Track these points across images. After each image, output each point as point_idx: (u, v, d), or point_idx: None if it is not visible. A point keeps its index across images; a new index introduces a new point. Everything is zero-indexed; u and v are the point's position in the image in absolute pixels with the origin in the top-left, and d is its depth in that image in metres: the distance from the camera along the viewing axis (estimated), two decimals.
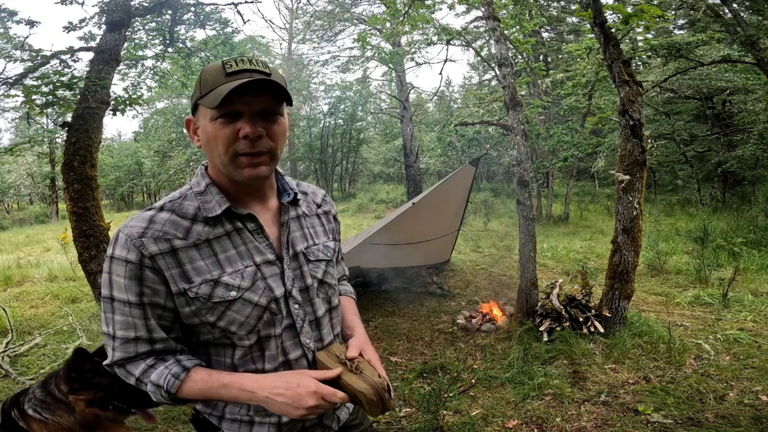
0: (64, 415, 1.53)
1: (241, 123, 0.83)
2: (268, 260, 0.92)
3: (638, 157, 3.56)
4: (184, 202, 0.90)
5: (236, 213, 0.90)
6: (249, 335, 0.90)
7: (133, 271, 0.83)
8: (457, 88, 32.17)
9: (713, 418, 2.45)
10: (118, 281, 0.84)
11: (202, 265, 0.86)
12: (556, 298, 3.92)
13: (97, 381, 1.58)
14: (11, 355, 3.62)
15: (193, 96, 0.90)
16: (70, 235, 3.16)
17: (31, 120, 3.80)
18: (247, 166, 0.86)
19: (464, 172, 5.16)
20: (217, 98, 0.80)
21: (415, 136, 16.71)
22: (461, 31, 7.25)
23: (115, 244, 0.84)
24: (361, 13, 16.99)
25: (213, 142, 0.85)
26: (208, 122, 0.85)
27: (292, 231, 0.98)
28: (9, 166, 21.99)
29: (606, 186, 17.58)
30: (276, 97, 0.86)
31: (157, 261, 0.83)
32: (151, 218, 0.86)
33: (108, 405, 1.59)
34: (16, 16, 3.86)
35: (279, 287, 0.92)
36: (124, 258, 0.83)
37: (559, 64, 14.98)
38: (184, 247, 0.85)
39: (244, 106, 0.83)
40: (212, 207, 0.89)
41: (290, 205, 0.99)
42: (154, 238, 0.84)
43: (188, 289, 0.85)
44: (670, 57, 8.19)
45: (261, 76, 0.83)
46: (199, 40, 5.17)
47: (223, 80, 0.82)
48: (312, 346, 0.97)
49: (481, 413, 2.71)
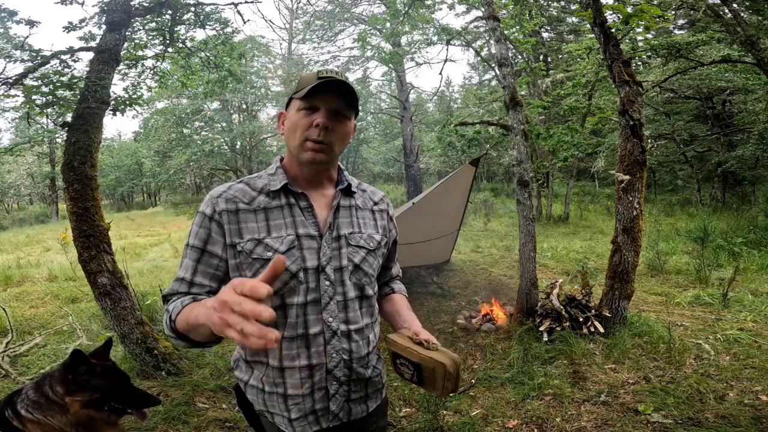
0: (56, 416, 1.54)
1: (317, 115, 1.02)
2: (309, 234, 1.04)
3: (638, 157, 3.56)
4: (257, 179, 1.10)
5: (292, 190, 1.06)
6: (273, 298, 0.98)
7: (205, 221, 1.03)
8: (457, 88, 32.20)
9: (713, 418, 2.45)
10: (194, 229, 1.04)
11: (253, 226, 1.02)
12: (556, 298, 3.92)
13: (93, 383, 1.60)
14: (11, 355, 3.62)
15: (290, 95, 1.11)
16: (70, 235, 3.15)
17: (31, 120, 3.79)
18: (310, 150, 1.03)
19: (464, 172, 5.16)
20: (305, 91, 1.01)
21: (415, 136, 16.71)
22: (461, 31, 7.25)
23: (203, 202, 1.06)
24: (361, 13, 17.00)
25: (293, 127, 1.05)
26: (295, 112, 1.05)
27: (340, 216, 1.09)
28: (9, 166, 22.02)
29: (606, 186, 17.58)
30: (347, 103, 1.05)
31: (222, 216, 1.02)
32: (230, 186, 1.07)
33: (103, 406, 1.61)
34: (16, 16, 3.86)
35: (312, 260, 1.02)
36: (203, 211, 1.04)
37: (559, 64, 14.96)
38: (245, 210, 1.03)
39: (322, 103, 1.02)
40: (275, 183, 1.07)
41: (344, 195, 1.13)
42: (226, 198, 1.03)
43: (238, 243, 1.01)
44: (670, 57, 8.20)
45: (340, 80, 1.02)
46: (199, 40, 5.16)
47: (314, 81, 1.01)
48: (335, 325, 1.03)
49: (481, 413, 2.71)
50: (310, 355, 1.00)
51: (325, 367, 1.01)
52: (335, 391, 1.03)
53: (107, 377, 1.65)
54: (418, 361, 0.96)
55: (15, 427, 1.53)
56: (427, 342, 1.00)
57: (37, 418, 1.52)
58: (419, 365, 0.96)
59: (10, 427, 1.53)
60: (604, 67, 7.77)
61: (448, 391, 0.94)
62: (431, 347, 0.98)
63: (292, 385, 1.00)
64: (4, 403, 1.60)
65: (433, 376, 0.94)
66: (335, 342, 1.02)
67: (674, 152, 13.94)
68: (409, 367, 0.99)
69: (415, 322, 1.17)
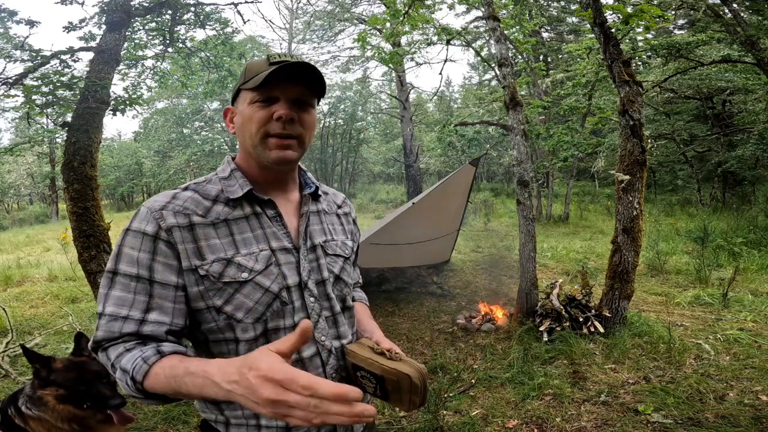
0: (45, 411, 1.54)
1: (276, 106, 0.87)
2: (284, 248, 0.90)
3: (638, 157, 3.56)
4: (207, 185, 0.92)
5: (257, 197, 0.91)
6: (255, 324, 0.86)
7: (146, 243, 0.82)
8: (457, 88, 32.23)
9: (713, 418, 2.45)
10: (129, 254, 0.82)
11: (217, 244, 0.85)
12: (556, 298, 3.92)
13: (53, 378, 1.58)
14: (11, 355, 3.62)
15: (236, 85, 0.95)
16: (70, 235, 3.16)
17: (31, 120, 3.79)
18: (276, 148, 0.88)
19: (464, 172, 5.16)
20: (257, 80, 0.85)
21: (415, 136, 16.71)
22: (461, 31, 7.24)
23: (134, 217, 0.85)
24: (361, 13, 17.00)
25: (247, 123, 0.89)
26: (246, 106, 0.89)
27: (311, 223, 0.98)
28: (9, 166, 22.02)
29: (606, 186, 17.59)
30: (310, 89, 0.91)
31: (172, 234, 0.82)
32: (175, 195, 0.88)
33: (81, 403, 1.57)
34: (16, 16, 3.87)
35: (293, 276, 0.90)
36: (141, 230, 0.82)
37: (559, 64, 14.97)
38: (202, 224, 0.85)
39: (281, 92, 0.87)
40: (234, 189, 0.90)
41: (311, 199, 1.01)
42: (174, 211, 0.84)
43: (200, 266, 0.83)
44: (670, 57, 8.20)
45: (300, 63, 0.88)
46: (199, 40, 5.18)
47: (266, 68, 0.87)
48: (328, 344, 0.93)
49: (481, 413, 2.71)
50: None
51: None
52: None
53: (69, 372, 1.59)
54: (381, 373, 0.86)
55: (17, 425, 1.54)
56: (390, 351, 0.90)
57: (36, 414, 1.53)
58: (382, 378, 0.86)
59: (13, 425, 1.54)
60: (604, 67, 7.77)
61: (415, 406, 0.84)
62: (394, 357, 0.88)
63: None
64: (7, 401, 1.61)
65: (398, 388, 0.84)
66: (333, 361, 0.94)
67: (674, 152, 13.95)
68: (371, 380, 0.89)
69: (377, 331, 1.07)
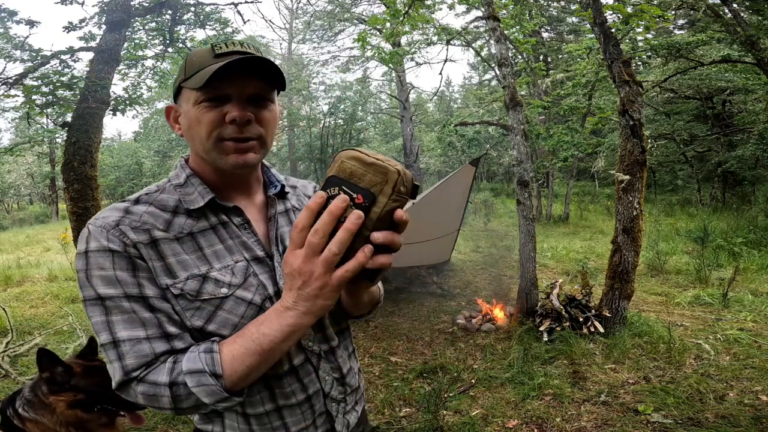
0: (47, 416, 1.53)
1: (228, 107, 0.75)
2: (257, 257, 0.82)
3: (638, 157, 3.56)
4: (161, 195, 0.80)
5: (221, 205, 0.81)
6: None
7: (122, 259, 0.71)
8: (457, 88, 32.21)
9: (713, 418, 2.45)
10: (105, 275, 0.70)
11: (187, 259, 0.75)
12: (556, 298, 3.92)
13: (74, 383, 1.56)
14: (11, 355, 3.62)
15: (177, 80, 0.81)
16: (70, 235, 3.16)
17: (31, 120, 3.80)
18: (234, 152, 0.77)
19: (464, 172, 5.16)
20: (202, 78, 0.72)
21: (415, 136, 16.70)
22: (461, 31, 7.25)
23: (87, 238, 0.72)
24: (361, 13, 16.99)
25: (195, 127, 0.77)
26: (191, 106, 0.77)
27: (280, 226, 0.89)
28: (9, 166, 22.01)
29: (606, 186, 17.59)
30: (267, 81, 0.79)
31: (140, 250, 0.72)
32: (126, 209, 0.76)
33: (92, 407, 1.57)
34: (16, 16, 3.87)
35: (271, 286, 0.82)
36: (106, 248, 0.70)
37: (559, 64, 14.97)
38: (165, 239, 0.75)
39: (233, 90, 0.75)
40: (194, 199, 0.80)
41: (278, 199, 0.92)
42: (132, 227, 0.73)
43: (172, 285, 0.73)
44: (670, 57, 8.20)
45: (253, 57, 0.75)
46: (199, 40, 5.18)
47: (210, 61, 0.75)
48: (316, 348, 0.89)
49: (481, 413, 2.71)
50: (305, 387, 0.87)
51: (322, 392, 0.91)
52: (336, 412, 0.95)
53: (91, 377, 1.59)
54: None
55: (16, 426, 1.54)
56: None
57: (33, 417, 1.53)
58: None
59: (12, 426, 1.54)
60: (604, 67, 7.77)
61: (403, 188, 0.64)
62: None
63: (294, 422, 0.89)
64: (6, 402, 1.62)
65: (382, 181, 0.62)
66: (324, 365, 0.90)
67: (674, 152, 13.95)
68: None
69: None
